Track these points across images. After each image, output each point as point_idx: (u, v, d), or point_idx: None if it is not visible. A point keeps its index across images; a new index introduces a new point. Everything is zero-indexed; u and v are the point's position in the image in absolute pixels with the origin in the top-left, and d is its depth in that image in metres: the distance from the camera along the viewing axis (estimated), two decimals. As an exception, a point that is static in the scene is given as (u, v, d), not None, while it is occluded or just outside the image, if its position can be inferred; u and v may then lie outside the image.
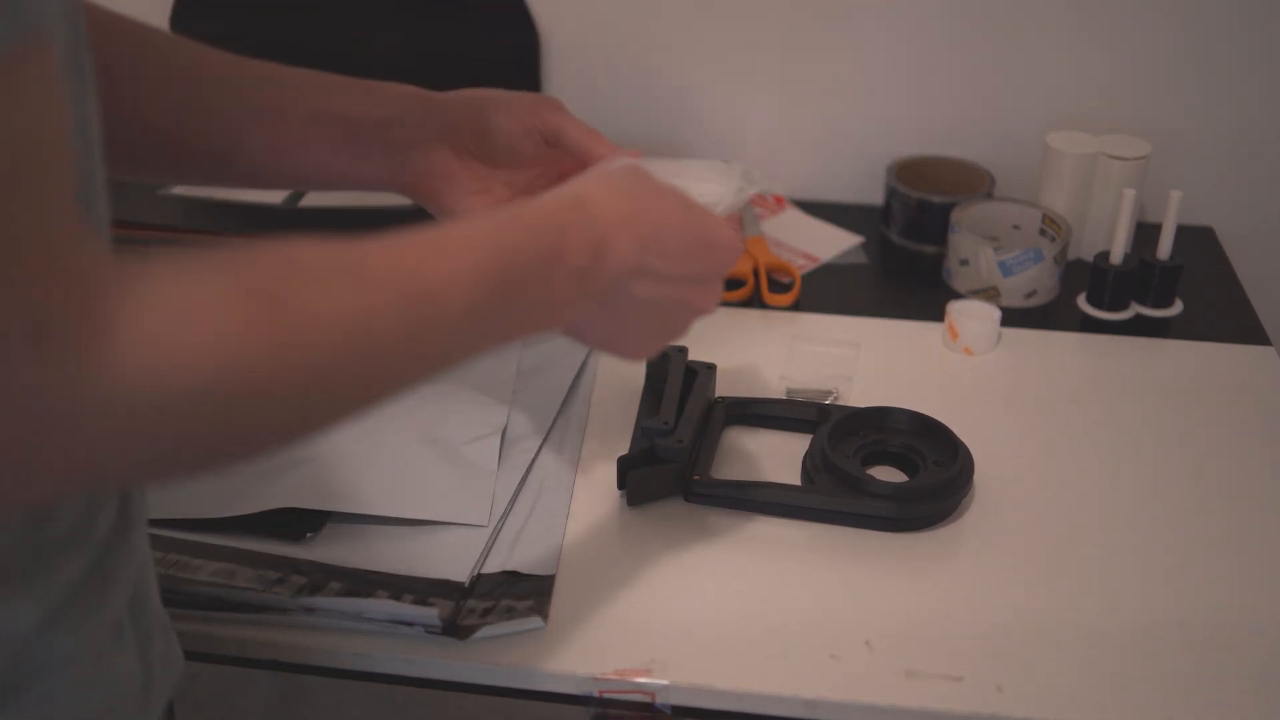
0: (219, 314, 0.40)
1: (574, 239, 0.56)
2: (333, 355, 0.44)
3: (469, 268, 0.50)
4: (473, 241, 0.51)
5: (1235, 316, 1.04)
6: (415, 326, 0.47)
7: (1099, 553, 0.77)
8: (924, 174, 1.17)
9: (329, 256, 0.45)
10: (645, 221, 0.59)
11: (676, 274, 0.61)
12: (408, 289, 0.47)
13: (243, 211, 1.03)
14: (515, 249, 0.52)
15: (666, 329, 0.65)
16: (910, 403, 0.86)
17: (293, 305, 0.42)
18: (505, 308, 0.52)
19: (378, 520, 0.78)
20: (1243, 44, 1.12)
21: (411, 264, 0.48)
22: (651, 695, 0.68)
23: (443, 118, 0.74)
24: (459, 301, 0.49)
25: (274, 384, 0.42)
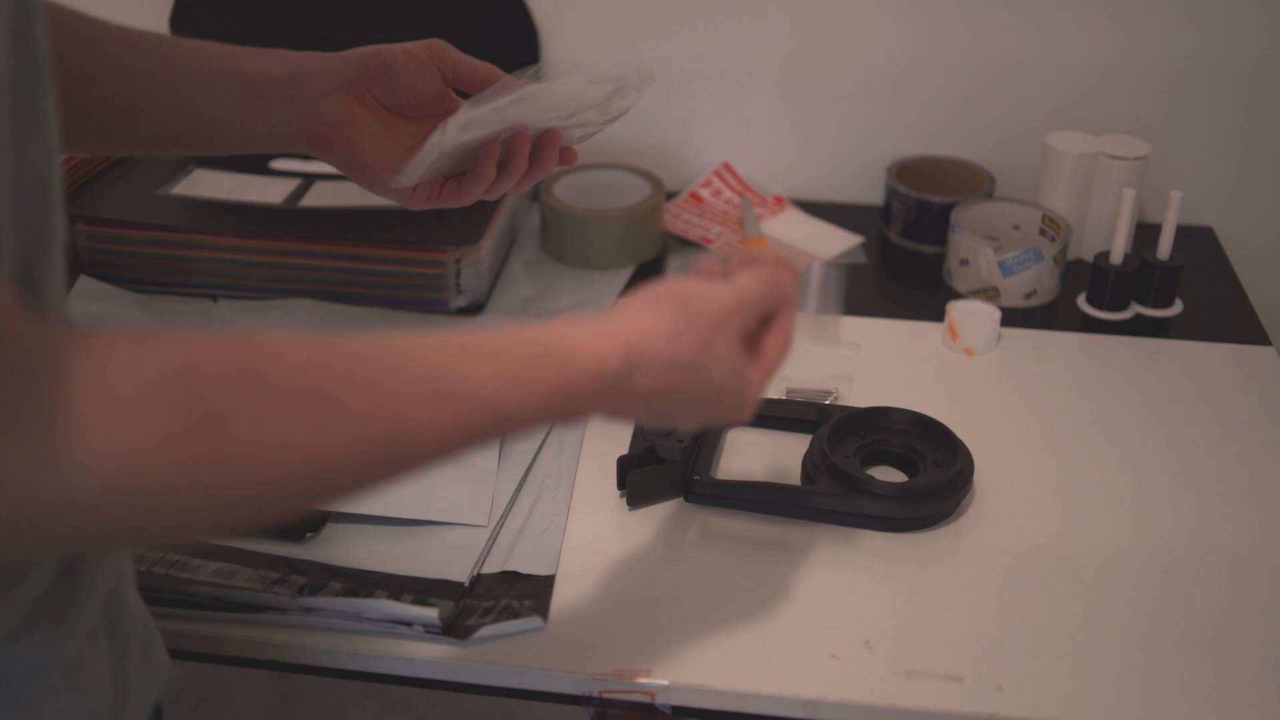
0: (149, 421, 0.38)
1: (587, 411, 0.55)
2: (272, 483, 0.42)
3: (455, 423, 0.47)
4: (473, 396, 0.48)
5: (1235, 316, 1.04)
6: (376, 462, 0.45)
7: (1099, 552, 0.77)
8: (924, 174, 1.17)
9: (297, 378, 0.42)
10: (670, 399, 0.57)
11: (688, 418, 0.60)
12: (381, 429, 0.44)
13: (243, 211, 1.03)
14: (515, 416, 0.50)
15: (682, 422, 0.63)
16: (910, 403, 0.86)
17: (235, 428, 0.40)
18: (478, 449, 0.50)
19: (378, 520, 0.78)
20: (1243, 44, 1.12)
21: (391, 405, 0.45)
22: (651, 695, 0.68)
23: (345, 69, 0.75)
24: (430, 447, 0.47)
25: (197, 493, 0.40)
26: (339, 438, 0.43)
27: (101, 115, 0.71)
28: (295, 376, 0.42)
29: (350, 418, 0.43)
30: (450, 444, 0.48)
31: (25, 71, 0.44)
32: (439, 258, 0.98)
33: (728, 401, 0.60)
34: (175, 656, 0.59)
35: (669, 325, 0.57)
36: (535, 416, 0.51)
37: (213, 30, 0.77)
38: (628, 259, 1.09)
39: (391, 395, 0.45)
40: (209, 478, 0.40)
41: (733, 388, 0.60)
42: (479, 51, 0.79)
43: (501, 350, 0.50)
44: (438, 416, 0.46)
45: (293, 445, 0.41)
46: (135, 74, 0.70)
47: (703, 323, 0.58)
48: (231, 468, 0.40)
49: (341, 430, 0.43)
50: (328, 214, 1.03)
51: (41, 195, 0.46)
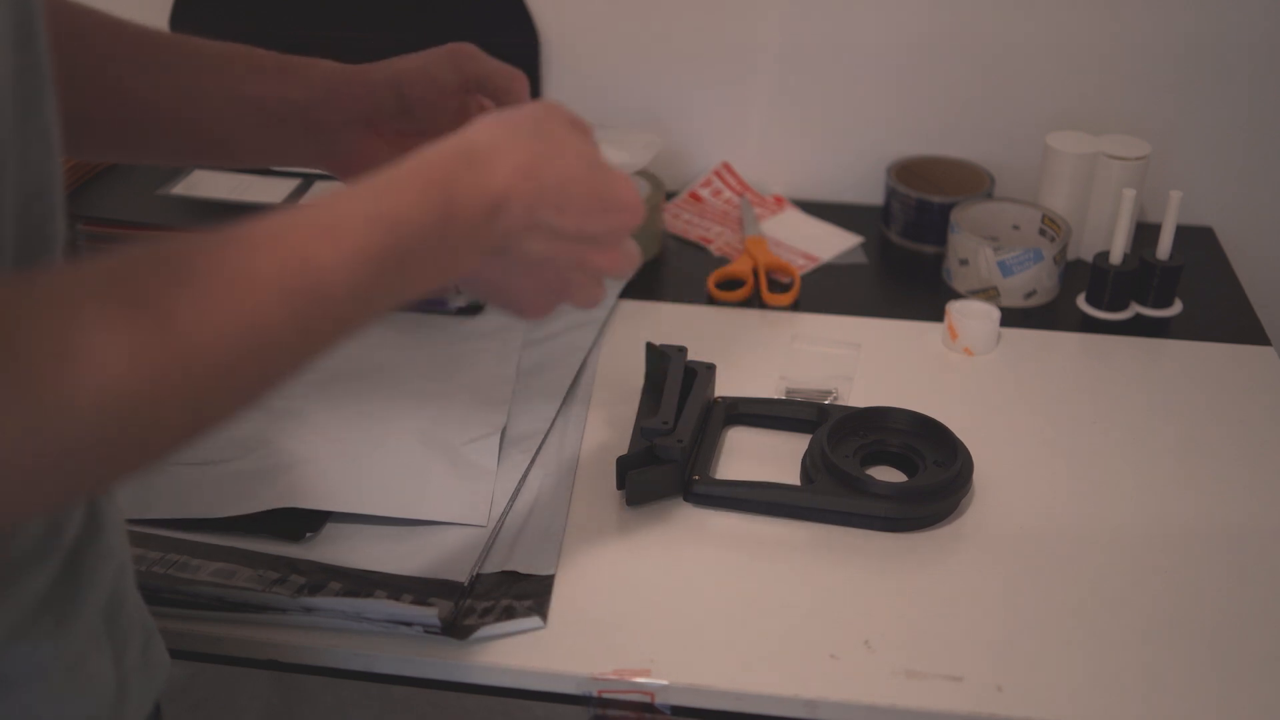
0: (105, 340, 0.39)
1: (465, 197, 0.53)
2: (226, 360, 0.43)
3: (356, 248, 0.48)
4: (356, 218, 0.49)
5: (1235, 316, 1.04)
6: (306, 317, 0.46)
7: (1099, 552, 0.77)
8: (924, 174, 1.17)
9: (213, 259, 0.44)
10: (543, 175, 0.56)
11: (573, 232, 0.59)
12: (294, 283, 0.46)
13: (243, 211, 1.03)
14: (402, 219, 0.50)
15: (563, 288, 0.62)
16: (910, 403, 0.86)
17: (179, 319, 0.41)
18: (397, 278, 0.51)
19: (378, 520, 0.78)
20: (1243, 44, 1.12)
21: (296, 255, 0.46)
22: (651, 695, 0.68)
23: (365, 98, 0.74)
24: (347, 284, 0.48)
25: (167, 399, 0.41)
26: (269, 303, 0.44)
27: (119, 128, 0.71)
28: (213, 262, 0.44)
29: (270, 280, 0.45)
30: (362, 276, 0.48)
31: (27, 73, 0.44)
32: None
33: (604, 183, 0.59)
34: (175, 656, 0.60)
35: (497, 120, 0.57)
36: (420, 214, 0.51)
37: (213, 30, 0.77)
38: (628, 259, 1.09)
39: (293, 246, 0.46)
40: (176, 378, 0.41)
41: (598, 165, 0.59)
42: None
43: (374, 175, 0.52)
44: (338, 249, 0.47)
45: (235, 322, 0.43)
46: (155, 89, 0.70)
47: (528, 114, 0.59)
48: (190, 358, 0.41)
49: (268, 295, 0.44)
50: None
51: (43, 197, 0.46)
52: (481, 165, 0.54)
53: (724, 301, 1.05)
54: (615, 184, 0.60)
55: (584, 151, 0.59)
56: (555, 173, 0.57)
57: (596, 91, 1.22)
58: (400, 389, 0.90)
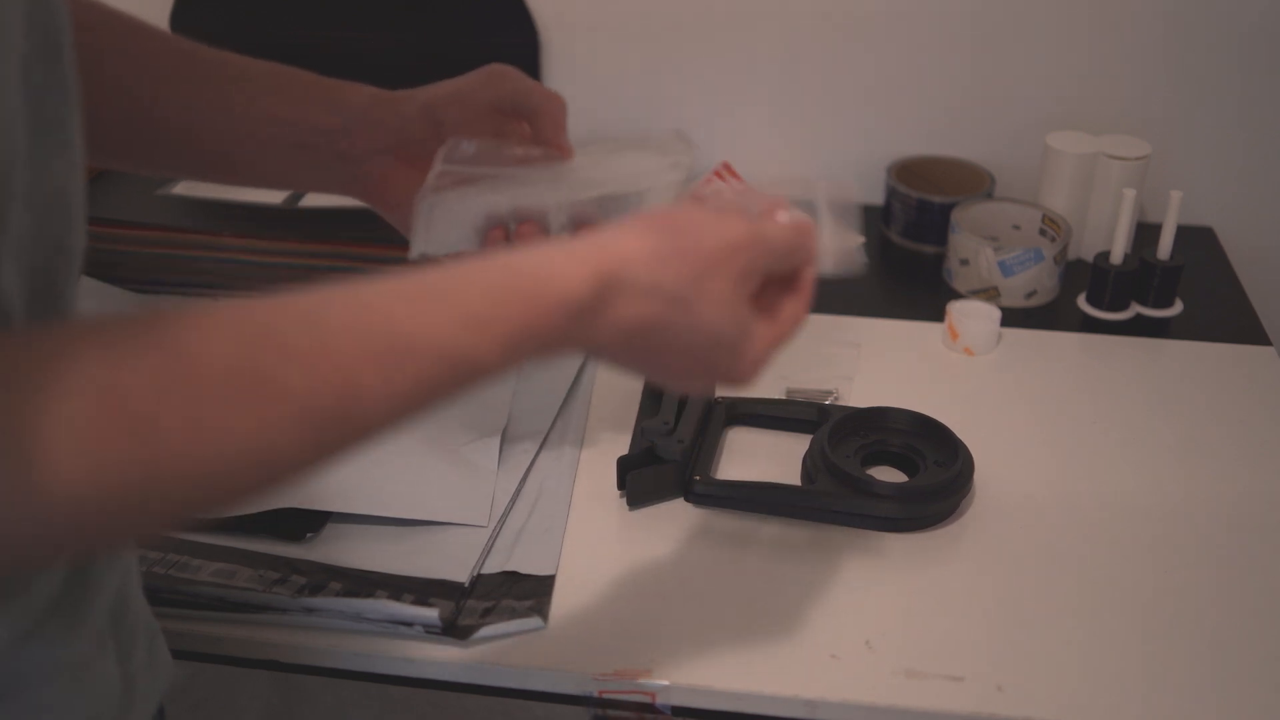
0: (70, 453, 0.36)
1: (559, 347, 0.49)
2: (217, 472, 0.39)
3: (410, 380, 0.43)
4: (423, 351, 0.43)
5: (1235, 316, 1.04)
6: (329, 440, 0.42)
7: (1099, 552, 0.77)
8: (924, 174, 1.17)
9: (230, 362, 0.39)
10: (655, 339, 0.51)
11: (656, 375, 0.55)
12: (325, 404, 0.41)
13: (243, 211, 1.03)
14: (475, 364, 0.45)
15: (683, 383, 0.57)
16: (910, 403, 0.86)
17: (165, 431, 0.37)
18: (442, 403, 0.45)
19: (378, 520, 0.78)
20: (1243, 44, 1.12)
21: (338, 376, 0.41)
22: (651, 695, 0.68)
23: (396, 126, 0.72)
24: (387, 413, 0.43)
25: (144, 504, 0.38)
26: (282, 418, 0.40)
27: (145, 143, 0.70)
28: (224, 361, 0.39)
29: (293, 396, 0.40)
30: (410, 405, 0.44)
31: (53, 89, 0.44)
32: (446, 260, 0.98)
33: (723, 355, 0.53)
34: (176, 656, 0.60)
35: (656, 249, 0.50)
36: (502, 360, 0.46)
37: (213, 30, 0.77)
38: (628, 259, 1.09)
39: (336, 364, 0.41)
40: (146, 487, 0.38)
41: (730, 337, 0.53)
42: (479, 52, 0.79)
43: (458, 291, 0.45)
44: (392, 379, 0.42)
45: (231, 435, 0.39)
46: (188, 110, 0.69)
47: (699, 252, 0.51)
48: (166, 472, 0.38)
49: (284, 410, 0.40)
50: (328, 214, 1.03)
51: (64, 209, 0.46)
52: (599, 316, 0.49)
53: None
54: (732, 364, 0.55)
55: (721, 325, 0.53)
56: (669, 343, 0.52)
57: (596, 91, 1.22)
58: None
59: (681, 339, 0.52)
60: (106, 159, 0.74)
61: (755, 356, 0.55)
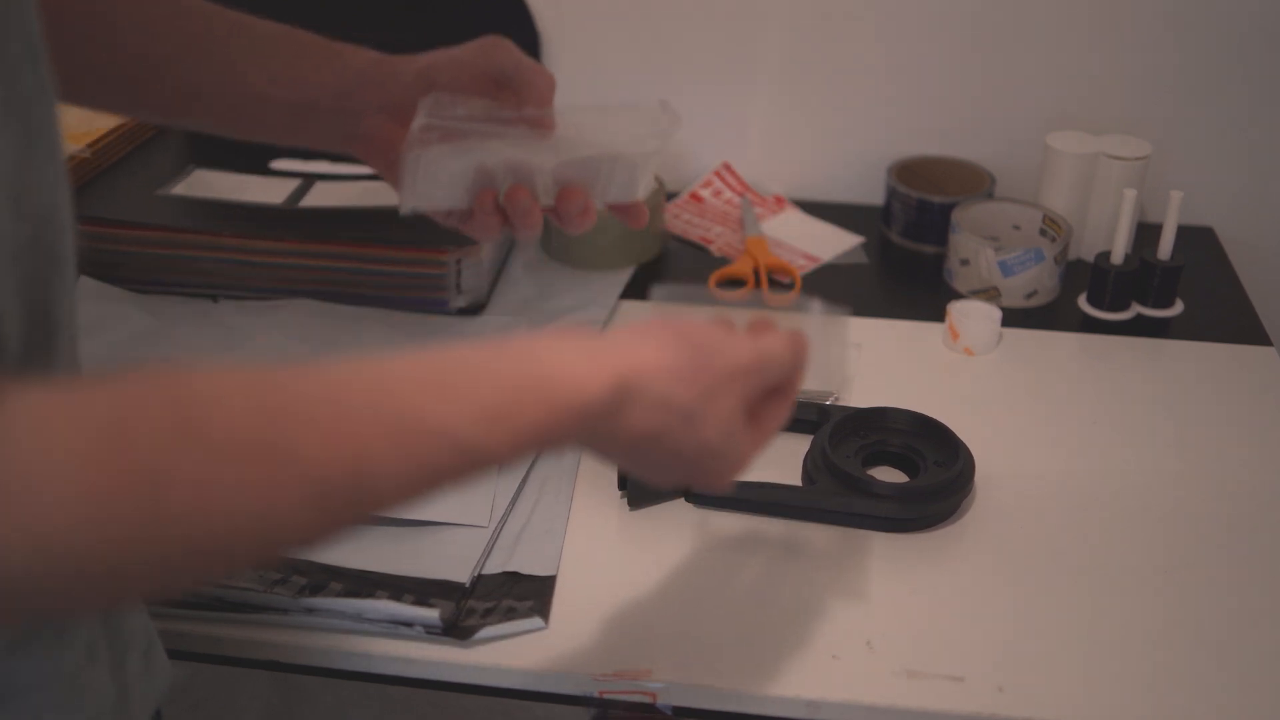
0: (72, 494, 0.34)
1: (567, 445, 0.50)
2: (219, 544, 0.38)
3: (422, 463, 0.43)
4: (444, 434, 0.44)
5: (1235, 316, 1.04)
6: (337, 513, 0.42)
7: (1099, 552, 0.77)
8: (924, 174, 1.17)
9: (242, 428, 0.38)
10: (658, 448, 0.52)
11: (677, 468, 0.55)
12: (339, 478, 0.40)
13: (243, 211, 1.03)
14: (484, 454, 0.45)
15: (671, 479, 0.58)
16: (910, 403, 0.86)
17: (174, 487, 0.36)
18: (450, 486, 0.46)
19: (379, 520, 0.78)
20: (1243, 44, 1.12)
21: (350, 450, 0.41)
22: (651, 695, 0.68)
23: (393, 89, 0.75)
24: (395, 492, 0.43)
25: (141, 564, 0.37)
26: (291, 489, 0.39)
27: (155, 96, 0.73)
28: (239, 424, 0.38)
29: (304, 466, 0.39)
30: (417, 487, 0.44)
31: (37, 96, 0.44)
32: (439, 258, 0.98)
33: (714, 465, 0.55)
34: (175, 657, 0.59)
35: (674, 364, 0.52)
36: (511, 453, 0.46)
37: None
38: (628, 259, 1.09)
39: (350, 439, 0.41)
40: (147, 546, 0.37)
41: (723, 452, 0.55)
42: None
43: (478, 383, 0.46)
44: (403, 460, 0.42)
45: (239, 501, 0.38)
46: (198, 68, 0.72)
47: (713, 372, 0.53)
48: (172, 532, 0.37)
49: (294, 481, 0.39)
50: (328, 214, 1.03)
51: (54, 219, 0.46)
52: (611, 423, 0.50)
53: (724, 301, 1.05)
54: (721, 471, 0.56)
55: (717, 442, 0.54)
56: (669, 451, 0.53)
57: (597, 91, 1.21)
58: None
59: (680, 449, 0.53)
60: (114, 107, 0.79)
61: (740, 464, 0.57)
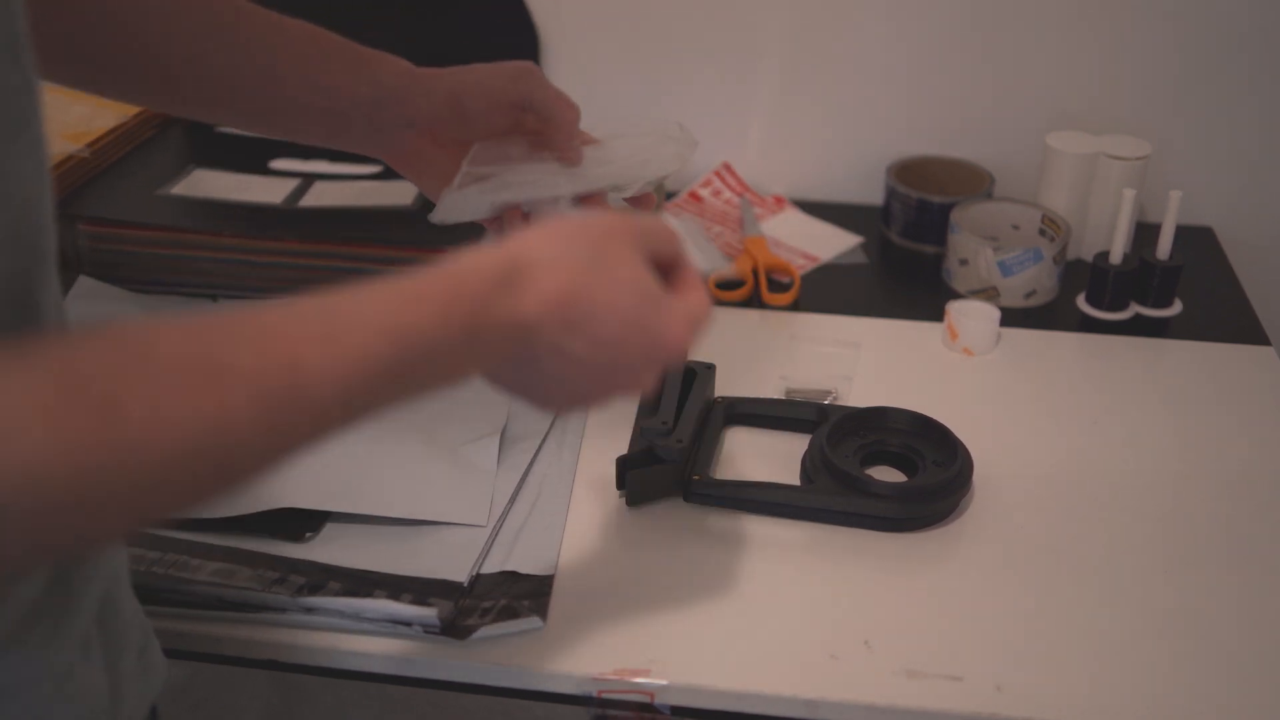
0: (26, 431, 0.36)
1: (491, 320, 0.51)
2: (175, 456, 0.40)
3: (355, 358, 0.45)
4: (363, 328, 0.46)
5: (1235, 316, 1.04)
6: (281, 419, 0.43)
7: (1099, 552, 0.77)
8: (924, 174, 1.17)
9: (181, 350, 0.41)
10: (581, 304, 0.53)
11: (603, 359, 0.55)
12: (274, 383, 0.42)
13: (243, 211, 1.03)
14: (414, 334, 0.47)
15: (579, 398, 0.59)
16: (910, 403, 0.86)
17: (128, 415, 0.38)
18: (394, 388, 0.48)
19: (378, 520, 0.78)
20: (1243, 44, 1.12)
21: (283, 355, 0.43)
22: (651, 695, 0.68)
23: (425, 105, 0.75)
24: (336, 392, 0.44)
25: (102, 489, 0.38)
26: (237, 400, 0.41)
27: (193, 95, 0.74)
28: (178, 348, 0.41)
29: (244, 376, 0.42)
30: (355, 385, 0.45)
31: (17, 90, 0.44)
32: (439, 257, 0.98)
33: (651, 311, 0.55)
34: (175, 656, 0.60)
35: (551, 233, 0.55)
36: (441, 328, 0.48)
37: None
38: (628, 259, 1.09)
39: (282, 345, 0.43)
40: (114, 471, 0.38)
41: (652, 292, 0.56)
42: (479, 52, 0.80)
43: (388, 282, 0.49)
44: (335, 355, 0.44)
45: (192, 417, 0.40)
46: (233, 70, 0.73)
47: (589, 228, 0.55)
48: (135, 454, 0.39)
49: (238, 391, 0.41)
50: (328, 214, 1.03)
51: (35, 212, 0.46)
52: (517, 288, 0.52)
53: (724, 301, 1.05)
54: (662, 321, 0.56)
55: (637, 281, 0.56)
56: (596, 302, 0.54)
57: (596, 92, 1.22)
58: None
59: (609, 296, 0.54)
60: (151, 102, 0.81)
61: (679, 320, 0.57)
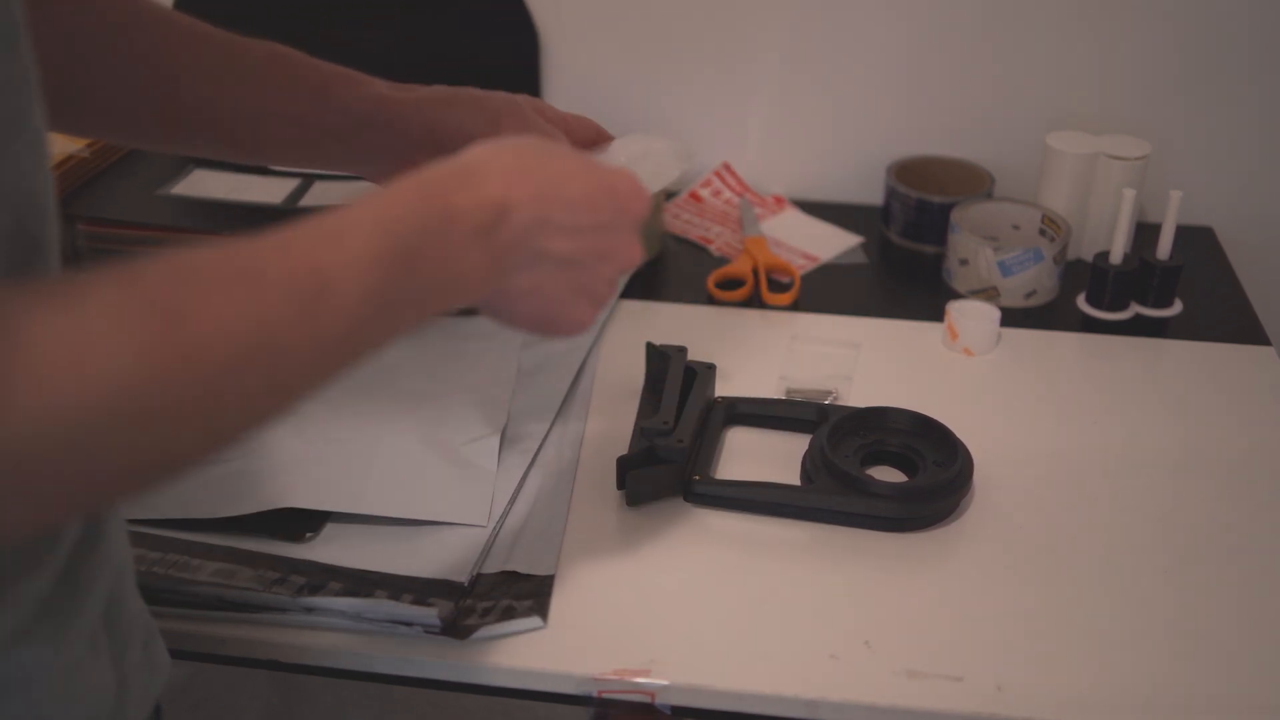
0: (114, 339, 0.38)
1: (465, 198, 0.54)
2: (236, 362, 0.43)
3: (360, 248, 0.48)
4: (361, 222, 0.50)
5: (1235, 316, 1.04)
6: (316, 321, 0.46)
7: (1099, 552, 0.77)
8: (924, 174, 1.17)
9: (222, 262, 0.44)
10: (540, 174, 0.57)
11: (585, 223, 0.59)
12: (302, 283, 0.46)
13: (243, 212, 1.03)
14: (403, 218, 0.51)
15: (593, 288, 0.62)
16: (910, 403, 0.86)
17: (189, 318, 0.41)
18: (407, 281, 0.50)
19: (378, 520, 0.78)
20: (1243, 44, 1.12)
21: (304, 258, 0.47)
22: (651, 695, 0.68)
23: (397, 139, 0.75)
24: (355, 286, 0.47)
25: (177, 400, 0.41)
26: (276, 304, 0.44)
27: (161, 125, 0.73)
28: (218, 265, 0.44)
29: (277, 283, 0.45)
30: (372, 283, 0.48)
31: (15, 83, 0.44)
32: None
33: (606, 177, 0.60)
34: (176, 656, 0.60)
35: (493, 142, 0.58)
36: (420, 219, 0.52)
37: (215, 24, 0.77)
38: (628, 259, 1.09)
39: (302, 253, 0.47)
40: (185, 376, 0.40)
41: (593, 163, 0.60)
42: (479, 52, 0.79)
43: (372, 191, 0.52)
44: (347, 255, 0.48)
45: (241, 321, 0.43)
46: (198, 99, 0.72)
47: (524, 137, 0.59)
48: (201, 359, 0.41)
49: (275, 296, 0.44)
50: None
51: (37, 206, 0.46)
52: (475, 177, 0.55)
53: (724, 301, 1.05)
54: (613, 174, 0.61)
55: (574, 155, 0.60)
56: (550, 173, 0.58)
57: (596, 91, 1.22)
58: (400, 389, 0.90)
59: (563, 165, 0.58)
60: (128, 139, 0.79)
61: (626, 176, 0.62)
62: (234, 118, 0.73)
